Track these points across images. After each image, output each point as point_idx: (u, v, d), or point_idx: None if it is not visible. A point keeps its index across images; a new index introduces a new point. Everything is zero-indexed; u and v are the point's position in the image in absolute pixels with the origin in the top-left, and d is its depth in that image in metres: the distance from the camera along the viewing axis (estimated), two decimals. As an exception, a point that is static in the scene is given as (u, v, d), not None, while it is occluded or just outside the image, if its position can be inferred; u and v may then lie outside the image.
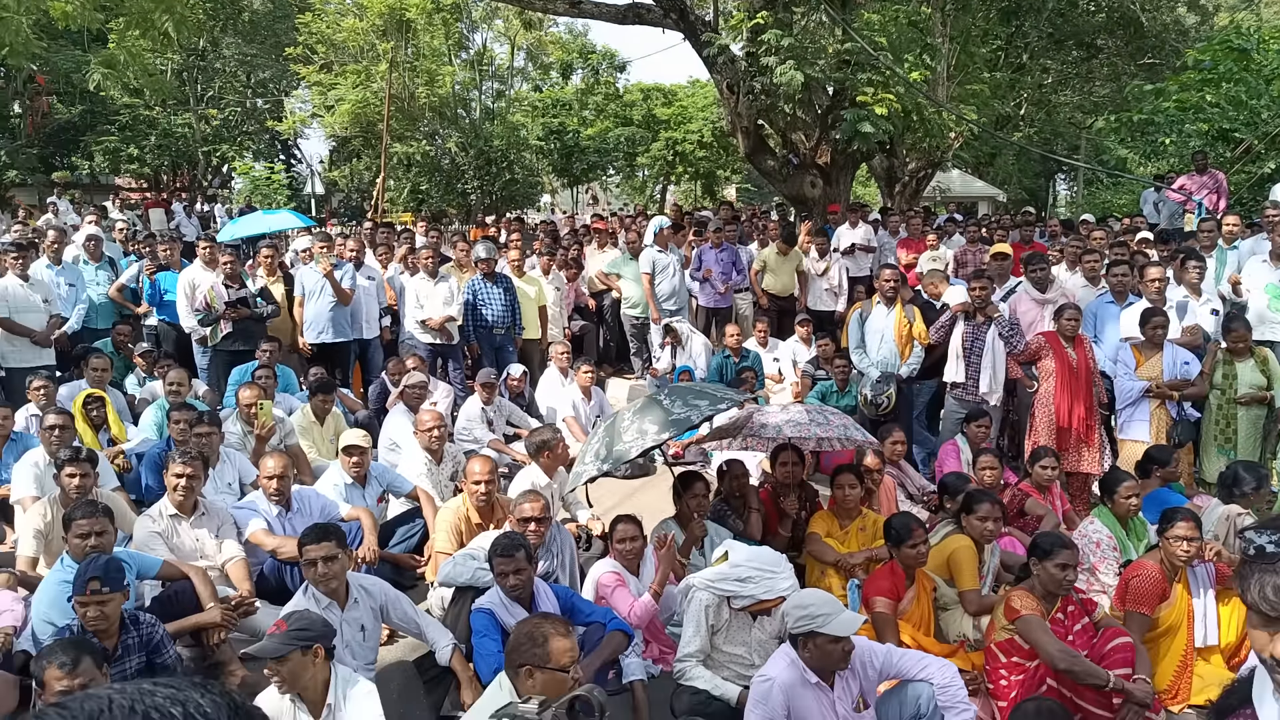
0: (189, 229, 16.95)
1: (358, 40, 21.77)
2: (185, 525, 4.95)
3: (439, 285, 8.84)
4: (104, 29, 21.67)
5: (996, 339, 7.03)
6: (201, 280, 8.22)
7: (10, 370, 7.82)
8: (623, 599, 4.63)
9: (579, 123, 26.60)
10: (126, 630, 3.96)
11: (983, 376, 7.07)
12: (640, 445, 4.57)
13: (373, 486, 5.97)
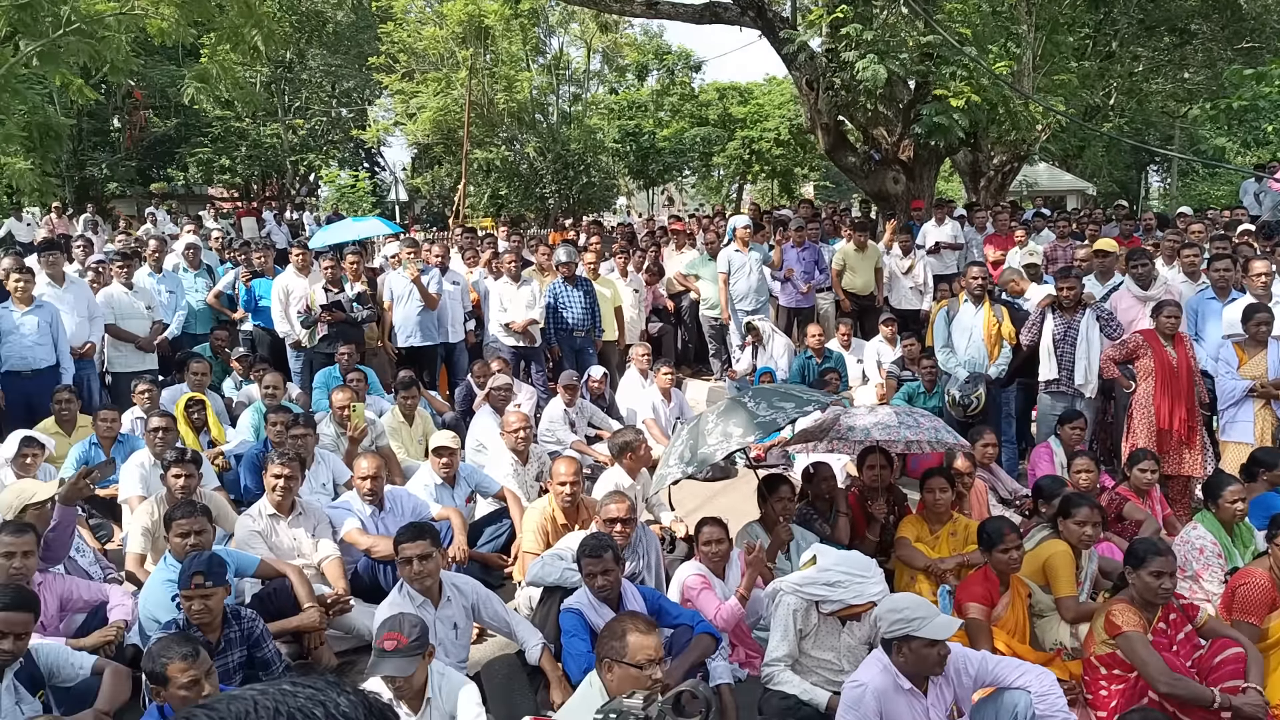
0: (279, 236, 17.50)
1: (438, 48, 22.20)
2: (283, 524, 5.11)
3: (521, 289, 8.95)
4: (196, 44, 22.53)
5: (1092, 327, 6.84)
6: (295, 286, 8.48)
7: (116, 375, 8.20)
8: (709, 602, 4.62)
9: (654, 124, 26.67)
10: (229, 624, 4.11)
11: (1077, 367, 6.89)
12: (725, 448, 4.55)
13: (461, 487, 6.07)
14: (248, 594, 4.86)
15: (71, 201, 20.93)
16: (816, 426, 5.51)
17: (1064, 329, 6.93)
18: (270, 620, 4.40)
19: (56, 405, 6.72)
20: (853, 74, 11.05)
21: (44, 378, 7.05)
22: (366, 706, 0.87)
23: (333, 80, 28.76)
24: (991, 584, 4.59)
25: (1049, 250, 10.28)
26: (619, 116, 26.44)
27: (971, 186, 16.84)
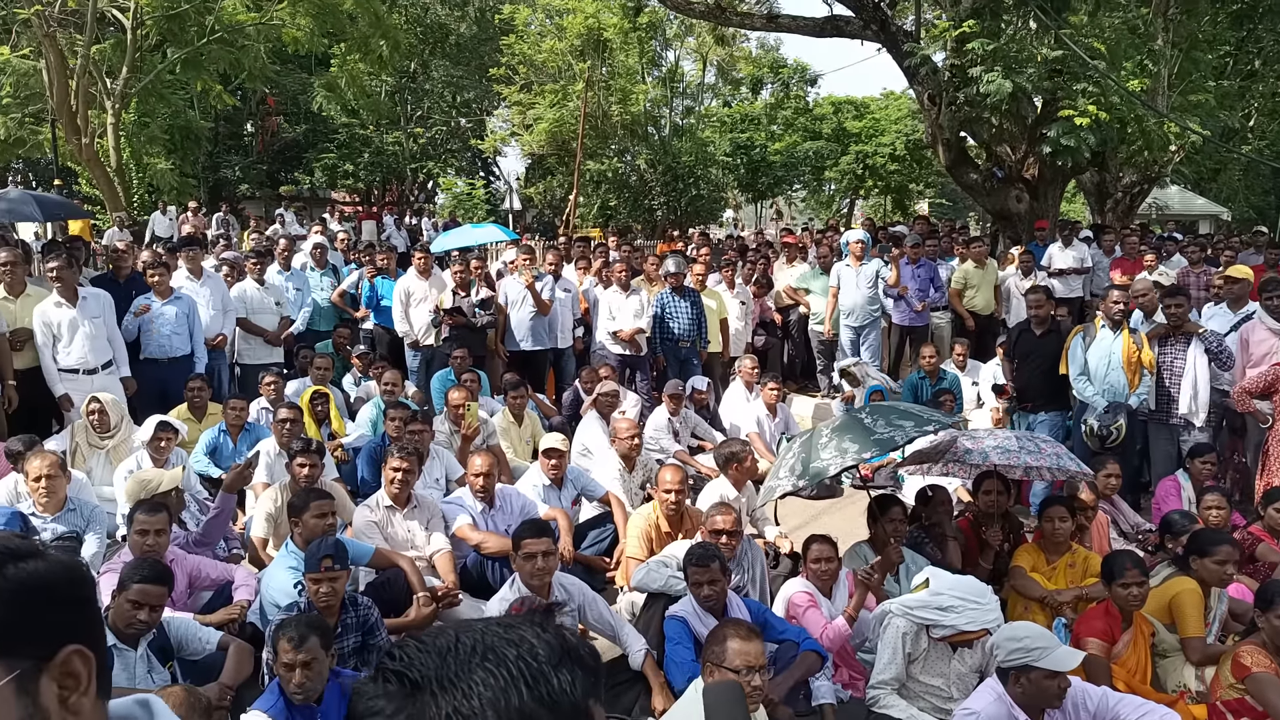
0: (399, 240, 18.10)
1: (556, 61, 22.63)
2: (399, 516, 5.26)
3: (630, 298, 9.02)
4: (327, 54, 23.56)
5: (1200, 357, 6.55)
6: (415, 288, 8.75)
7: (245, 366, 8.60)
8: (814, 620, 4.55)
9: (767, 137, 26.55)
10: (346, 610, 4.25)
11: (1182, 397, 6.61)
12: (839, 463, 4.49)
13: (568, 489, 6.15)
14: (362, 582, 5.02)
15: (205, 201, 22.09)
16: (933, 448, 5.37)
17: (1169, 357, 6.64)
18: (383, 608, 4.53)
19: (189, 393, 7.08)
20: (977, 89, 10.79)
21: (179, 366, 7.43)
22: (563, 646, 0.89)
23: (454, 91, 29.61)
24: (1113, 619, 4.40)
25: (1180, 276, 9.81)
26: (731, 129, 26.43)
27: (1097, 208, 16.22)
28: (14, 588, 0.98)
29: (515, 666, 0.86)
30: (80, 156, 18.88)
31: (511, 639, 0.89)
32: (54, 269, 6.62)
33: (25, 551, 1.02)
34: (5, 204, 10.82)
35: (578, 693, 0.88)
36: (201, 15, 19.16)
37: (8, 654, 0.96)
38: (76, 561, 1.08)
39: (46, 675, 0.99)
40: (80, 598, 1.05)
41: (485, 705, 0.84)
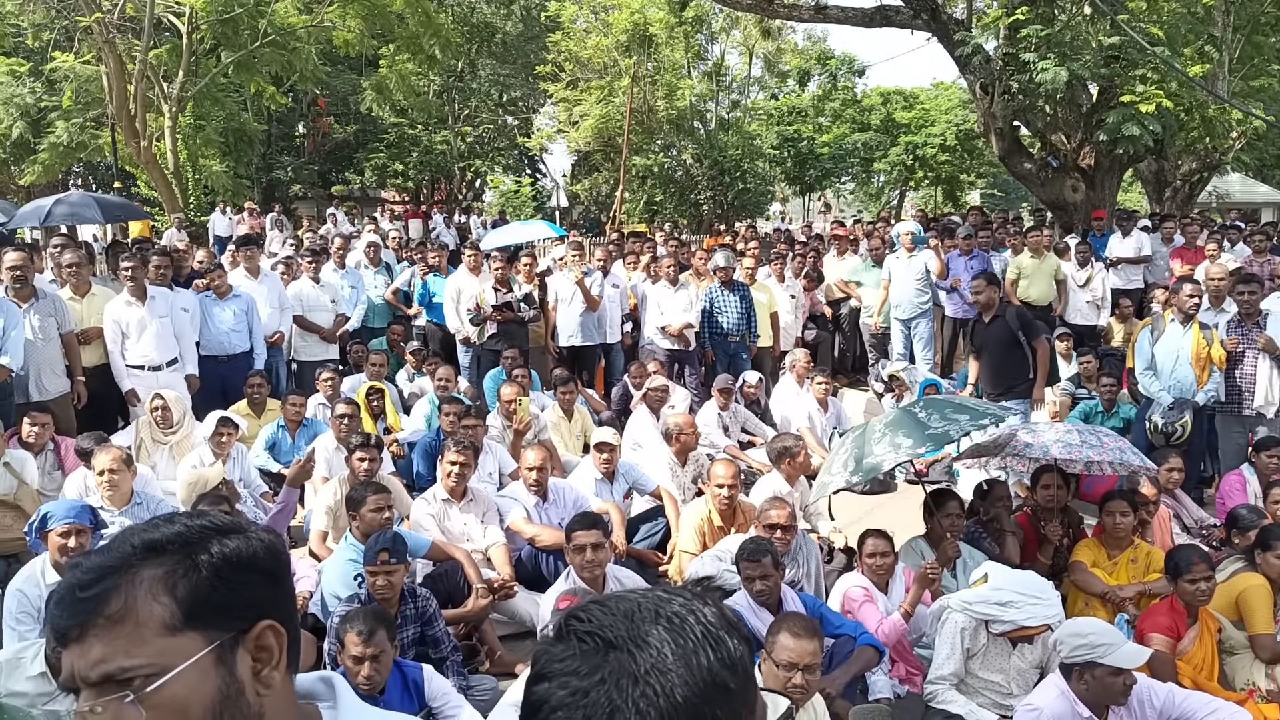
0: (448, 238, 18.26)
1: (602, 57, 22.66)
2: (455, 510, 5.33)
3: (679, 293, 9.01)
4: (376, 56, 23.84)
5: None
6: (466, 285, 8.83)
7: (301, 363, 8.76)
8: (870, 615, 4.52)
9: (814, 129, 26.34)
10: (405, 602, 4.31)
11: (1258, 389, 6.44)
12: (893, 458, 4.45)
13: (620, 483, 6.17)
14: (419, 574, 5.09)
15: (259, 202, 22.48)
16: (991, 442, 5.30)
17: (1241, 346, 6.46)
18: (440, 599, 4.59)
19: (249, 389, 7.24)
20: (1031, 77, 10.61)
21: (238, 363, 7.60)
22: (727, 621, 0.92)
23: (500, 89, 29.79)
24: (1178, 615, 4.31)
25: (1244, 265, 9.55)
26: (778, 122, 26.25)
27: (1155, 196, 15.87)
28: (217, 564, 1.04)
29: (696, 630, 0.89)
30: (139, 159, 19.34)
31: (685, 606, 0.92)
32: (128, 268, 6.81)
33: (229, 529, 1.08)
34: (68, 206, 11.13)
35: (748, 659, 0.91)
36: (254, 19, 19.51)
37: (209, 626, 1.02)
38: (276, 540, 1.13)
39: (242, 648, 1.04)
40: (277, 575, 1.10)
41: (678, 662, 0.86)
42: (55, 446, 6.03)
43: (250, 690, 1.04)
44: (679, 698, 0.84)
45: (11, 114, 21.31)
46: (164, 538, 1.04)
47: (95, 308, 6.89)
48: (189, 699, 0.99)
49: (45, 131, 22.09)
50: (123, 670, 0.97)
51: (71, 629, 0.99)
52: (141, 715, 0.97)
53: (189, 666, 0.99)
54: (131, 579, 1.00)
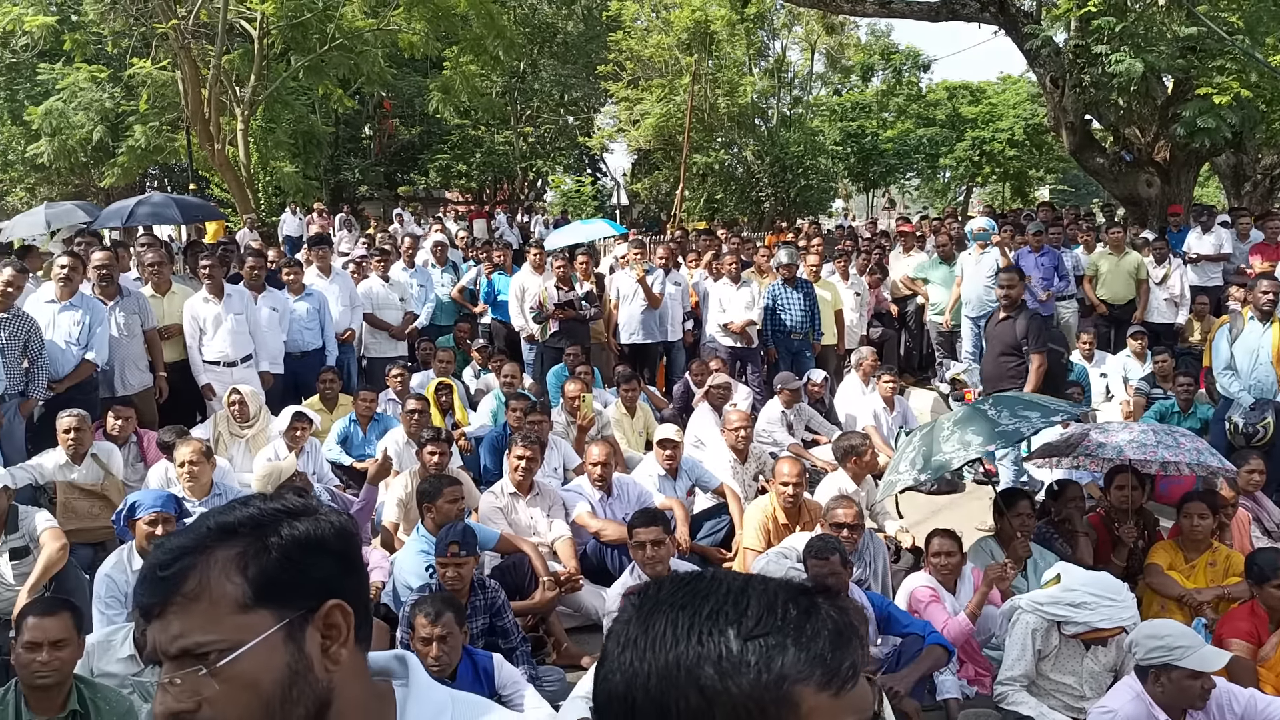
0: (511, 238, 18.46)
1: (663, 55, 22.68)
2: (522, 503, 5.41)
3: (740, 290, 8.98)
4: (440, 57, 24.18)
5: None
6: (530, 284, 8.94)
7: (371, 360, 8.95)
8: (937, 615, 4.48)
9: (878, 125, 26.03)
10: (475, 593, 4.40)
11: None
12: (963, 456, 4.40)
13: (683, 479, 6.20)
14: (487, 566, 5.18)
15: (327, 202, 22.97)
16: (1062, 441, 5.20)
17: None
18: (507, 590, 4.67)
19: (321, 384, 7.42)
20: (1104, 69, 10.36)
21: (311, 359, 7.80)
22: (778, 625, 0.88)
23: (562, 89, 29.99)
24: (1259, 620, 4.20)
25: (1329, 261, 9.22)
26: (841, 118, 26.00)
27: (1233, 191, 15.35)
28: (288, 544, 1.09)
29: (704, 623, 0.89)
30: (213, 162, 19.88)
31: (787, 587, 0.92)
32: (206, 267, 7.04)
33: (300, 512, 1.13)
34: (150, 207, 11.53)
35: (754, 669, 0.89)
36: (323, 23, 19.92)
37: (278, 604, 1.07)
38: (346, 521, 1.18)
39: (311, 626, 1.09)
40: (346, 556, 1.15)
41: (650, 650, 0.88)
42: (138, 439, 6.25)
43: (319, 666, 1.08)
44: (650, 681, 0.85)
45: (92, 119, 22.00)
46: (237, 520, 1.09)
47: (175, 305, 7.13)
48: (259, 673, 1.04)
49: (124, 135, 22.81)
50: (198, 645, 1.03)
51: (153, 606, 1.05)
52: (215, 688, 1.02)
53: (259, 643, 1.04)
54: (207, 559, 1.06)
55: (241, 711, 1.04)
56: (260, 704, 1.04)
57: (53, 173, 24.44)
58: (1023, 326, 6.66)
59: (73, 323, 6.25)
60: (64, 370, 6.20)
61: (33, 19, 19.25)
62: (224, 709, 1.03)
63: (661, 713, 0.84)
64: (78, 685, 3.25)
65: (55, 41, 20.45)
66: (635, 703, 0.85)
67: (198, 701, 1.02)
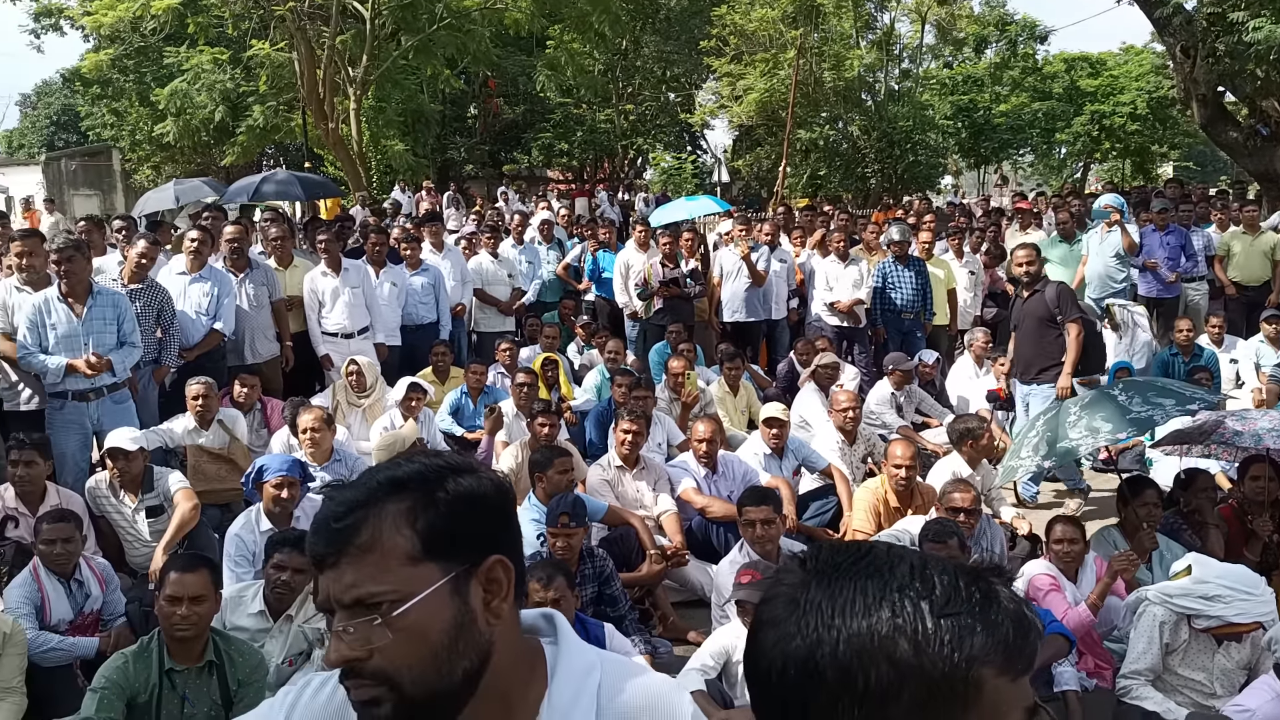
0: (613, 216, 18.54)
1: (768, 29, 22.33)
2: (628, 477, 5.46)
3: (849, 268, 8.82)
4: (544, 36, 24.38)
5: None
6: (635, 261, 8.95)
7: (481, 334, 9.14)
8: (1056, 604, 4.33)
9: (991, 99, 25.14)
10: (584, 561, 4.46)
11: None
12: (1090, 443, 4.23)
13: (789, 459, 6.14)
14: (594, 537, 5.23)
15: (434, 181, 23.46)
16: (1195, 428, 4.95)
17: None
18: (614, 562, 4.72)
19: (434, 357, 7.62)
20: (1240, 37, 9.77)
21: (425, 332, 8.02)
22: (968, 605, 0.86)
23: (664, 66, 29.87)
24: None
25: None
26: (951, 92, 25.21)
27: (1383, 166, 14.32)
28: (452, 500, 1.11)
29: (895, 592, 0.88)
30: (326, 141, 20.51)
31: (949, 568, 0.90)
32: (324, 241, 7.28)
33: (463, 467, 1.16)
34: (275, 184, 12.01)
35: (952, 647, 0.87)
36: (432, 3, 20.27)
37: (445, 558, 1.10)
38: (504, 479, 1.21)
39: (475, 580, 1.11)
40: (506, 512, 1.18)
41: (847, 615, 0.86)
42: (262, 406, 6.52)
43: (482, 619, 1.11)
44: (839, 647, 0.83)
45: (214, 99, 22.97)
46: (406, 475, 1.11)
47: (296, 279, 7.39)
48: (428, 624, 1.07)
49: (243, 115, 23.73)
50: (371, 595, 1.05)
51: (327, 555, 1.08)
52: (388, 637, 1.05)
53: (429, 594, 1.07)
54: (378, 512, 1.08)
55: (411, 661, 1.06)
56: (429, 654, 1.07)
57: (177, 151, 25.61)
58: (1053, 296, 6.37)
59: (202, 294, 6.55)
60: (194, 339, 6.50)
61: (159, 3, 20.12)
62: (394, 658, 1.06)
63: (847, 680, 0.83)
64: (214, 638, 3.42)
65: (180, 25, 21.35)
66: (818, 668, 0.83)
67: (369, 650, 1.05)
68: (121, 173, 28.17)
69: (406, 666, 1.06)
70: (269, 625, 3.86)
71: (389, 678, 1.06)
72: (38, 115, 39.58)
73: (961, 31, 27.23)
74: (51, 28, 23.45)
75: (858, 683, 0.82)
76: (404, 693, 1.06)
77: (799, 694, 0.84)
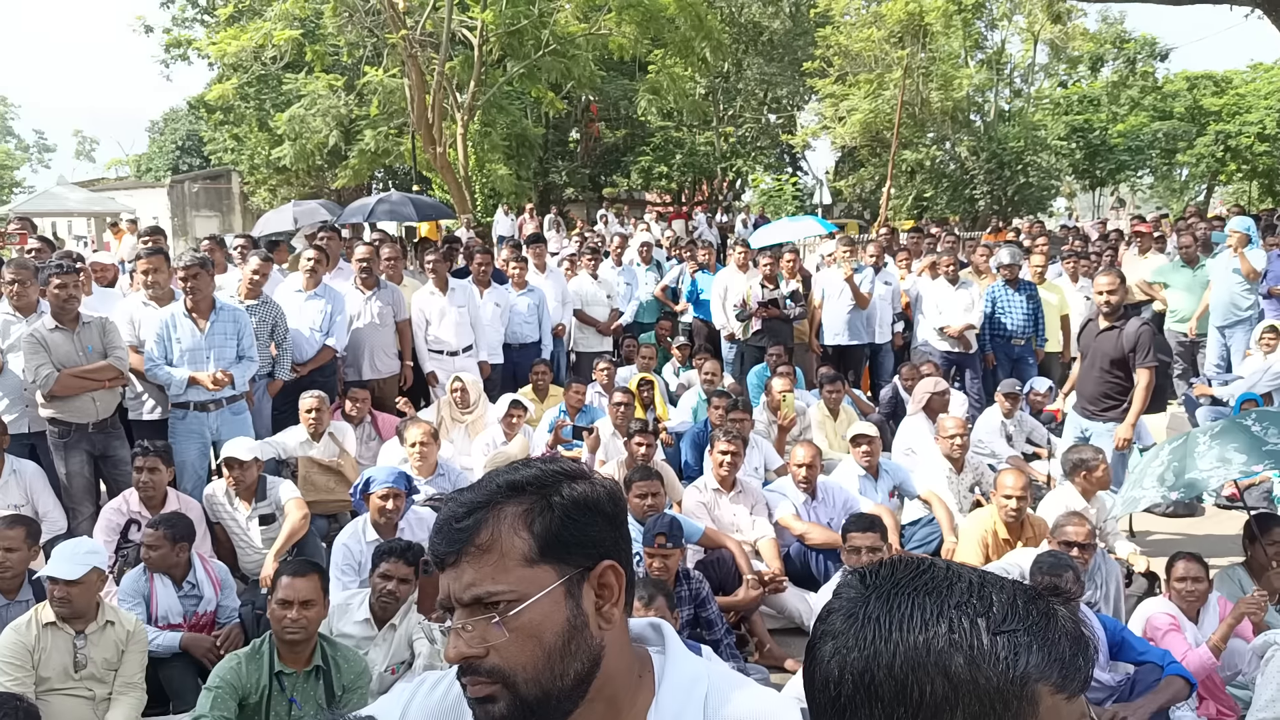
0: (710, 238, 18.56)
1: (873, 49, 22.10)
2: (725, 500, 5.40)
3: (960, 292, 8.58)
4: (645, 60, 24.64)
5: None
6: (733, 282, 8.92)
7: (579, 354, 9.23)
8: (1176, 644, 4.10)
9: (1108, 118, 24.27)
10: (680, 583, 4.43)
11: None
12: (1222, 475, 4.00)
13: (884, 480, 6.00)
14: (690, 560, 5.20)
15: (535, 204, 23.92)
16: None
17: None
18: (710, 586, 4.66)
19: (534, 375, 7.72)
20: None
21: (527, 351, 8.14)
22: (1027, 625, 0.87)
23: (766, 87, 29.84)
24: None
25: None
26: (1065, 112, 24.44)
27: None
28: (568, 504, 1.13)
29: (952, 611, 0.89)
30: (434, 164, 21.13)
31: (1009, 589, 0.91)
32: (432, 262, 7.48)
33: (577, 474, 1.18)
34: (389, 205, 12.44)
35: (1008, 669, 0.88)
36: (538, 29, 20.76)
37: (560, 561, 1.12)
38: (616, 487, 1.22)
39: (587, 584, 1.14)
40: (617, 519, 1.19)
41: (903, 630, 0.88)
42: (373, 419, 6.71)
43: (594, 624, 1.12)
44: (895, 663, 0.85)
45: (329, 124, 23.96)
46: (524, 479, 1.14)
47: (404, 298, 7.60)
48: (543, 625, 1.09)
49: (355, 139, 24.66)
50: (489, 594, 1.08)
51: (448, 555, 1.11)
52: (505, 635, 1.07)
53: (544, 596, 1.09)
54: (497, 514, 1.11)
55: (526, 660, 1.08)
56: (543, 654, 1.09)
57: (292, 175, 26.77)
58: (1131, 336, 5.78)
59: (316, 311, 6.78)
60: (307, 354, 6.73)
61: (281, 34, 21.13)
62: (510, 657, 1.08)
63: (902, 694, 0.84)
64: (321, 643, 3.51)
65: (298, 54, 22.38)
66: (874, 680, 0.85)
67: (486, 648, 1.08)
68: (240, 195, 29.57)
69: (521, 666, 1.08)
70: (373, 633, 3.94)
71: (505, 676, 1.08)
72: (164, 140, 41.94)
73: (1076, 50, 26.41)
74: (180, 58, 24.90)
75: (912, 695, 0.84)
76: (518, 691, 1.08)
77: (855, 705, 0.86)
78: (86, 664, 3.68)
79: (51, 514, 5.16)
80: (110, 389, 5.35)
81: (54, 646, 3.65)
